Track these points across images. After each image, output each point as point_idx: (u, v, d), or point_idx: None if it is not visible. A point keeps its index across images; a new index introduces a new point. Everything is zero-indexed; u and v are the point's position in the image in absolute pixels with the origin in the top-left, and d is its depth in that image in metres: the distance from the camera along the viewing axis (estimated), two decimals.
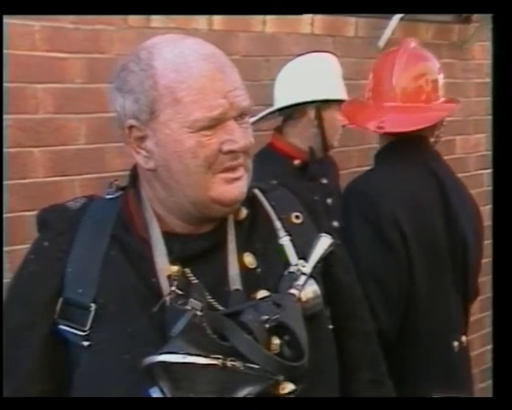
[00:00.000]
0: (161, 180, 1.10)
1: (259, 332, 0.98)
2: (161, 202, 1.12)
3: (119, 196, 1.17)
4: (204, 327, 0.97)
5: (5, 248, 2.00)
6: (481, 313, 3.34)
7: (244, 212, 1.16)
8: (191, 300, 1.00)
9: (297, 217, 1.19)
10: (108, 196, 1.18)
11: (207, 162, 1.06)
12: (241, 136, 1.07)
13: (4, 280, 1.96)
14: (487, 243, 3.12)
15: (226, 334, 0.98)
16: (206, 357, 0.96)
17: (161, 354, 0.96)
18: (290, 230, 1.17)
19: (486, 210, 2.52)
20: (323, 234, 1.15)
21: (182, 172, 1.06)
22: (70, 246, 1.12)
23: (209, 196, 1.07)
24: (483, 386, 3.24)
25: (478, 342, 3.43)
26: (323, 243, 1.14)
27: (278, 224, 1.17)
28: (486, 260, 2.28)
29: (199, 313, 0.98)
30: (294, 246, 1.15)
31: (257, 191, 1.21)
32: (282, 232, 1.16)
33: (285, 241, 1.16)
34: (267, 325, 1.00)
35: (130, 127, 1.09)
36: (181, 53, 1.07)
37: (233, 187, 1.08)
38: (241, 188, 1.10)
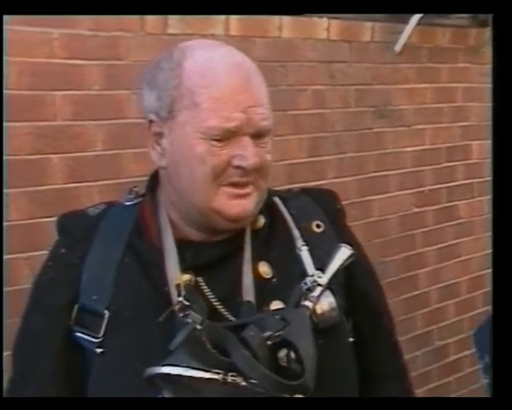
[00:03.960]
0: (172, 182, 1.10)
1: (260, 349, 0.96)
2: (174, 206, 1.12)
3: (137, 203, 1.17)
4: (203, 341, 0.96)
5: (24, 255, 2.02)
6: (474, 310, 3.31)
7: (262, 221, 1.14)
8: (191, 313, 0.99)
9: (318, 226, 1.17)
10: (127, 203, 1.18)
11: (214, 172, 1.04)
12: (253, 153, 1.04)
13: (4, 288, 1.97)
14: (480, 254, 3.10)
15: (227, 349, 0.97)
16: (206, 371, 0.95)
17: (163, 365, 0.95)
18: (310, 239, 1.15)
19: None
20: (343, 244, 1.12)
21: (188, 177, 1.06)
22: (86, 253, 1.12)
23: (211, 206, 1.06)
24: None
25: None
26: (343, 253, 1.10)
27: (297, 233, 1.15)
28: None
29: (198, 326, 0.97)
30: (312, 256, 1.13)
31: (277, 199, 1.19)
32: (299, 242, 1.14)
33: (303, 251, 1.13)
34: (269, 342, 0.98)
35: (151, 122, 1.09)
36: (211, 58, 1.07)
37: (236, 203, 1.06)
38: (246, 206, 1.07)
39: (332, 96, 2.75)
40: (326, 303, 1.06)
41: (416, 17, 2.83)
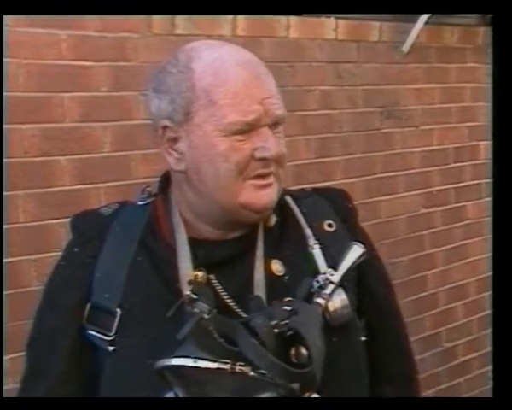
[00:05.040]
0: (191, 183, 1.10)
1: (268, 337, 0.96)
2: (190, 206, 1.12)
3: (150, 202, 1.18)
4: (211, 331, 0.96)
5: (32, 257, 2.02)
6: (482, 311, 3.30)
7: (274, 219, 1.15)
8: (199, 303, 0.99)
9: (330, 225, 1.17)
10: (140, 202, 1.19)
11: (238, 167, 1.05)
12: (274, 144, 1.06)
13: (4, 292, 1.98)
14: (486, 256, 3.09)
15: (235, 338, 0.97)
16: (214, 361, 0.95)
17: (172, 357, 0.95)
18: (322, 238, 1.15)
19: None
20: (355, 242, 1.12)
21: (212, 176, 1.06)
22: (99, 251, 1.13)
23: (238, 201, 1.07)
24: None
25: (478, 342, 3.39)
26: (355, 251, 1.10)
27: (308, 231, 1.16)
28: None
29: (206, 316, 0.97)
30: (324, 254, 1.13)
31: (288, 198, 1.19)
32: (312, 240, 1.15)
33: (315, 249, 1.14)
34: (276, 330, 0.98)
35: (164, 128, 1.09)
36: (219, 58, 1.07)
37: (263, 194, 1.08)
38: (271, 195, 1.09)
39: (340, 96, 2.74)
40: (338, 301, 1.06)
41: (423, 17, 2.82)
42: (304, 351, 0.98)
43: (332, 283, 1.07)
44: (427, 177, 3.09)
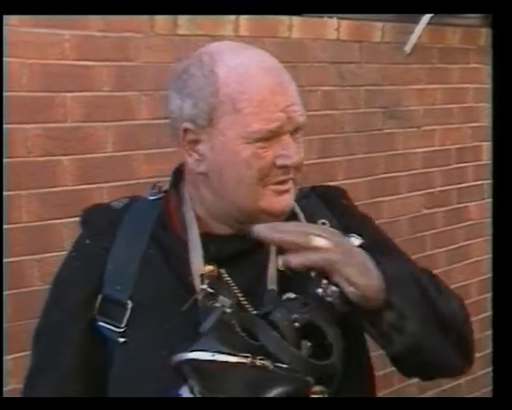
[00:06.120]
0: (210, 185, 1.11)
1: (288, 330, 0.97)
2: (204, 204, 1.13)
3: (161, 198, 1.19)
4: (233, 325, 0.96)
5: (35, 257, 2.03)
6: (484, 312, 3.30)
7: None
8: (221, 297, 1.00)
9: (323, 224, 1.18)
10: (151, 197, 1.20)
11: (261, 174, 1.06)
12: (295, 151, 1.07)
13: (7, 292, 1.98)
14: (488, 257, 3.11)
15: (255, 332, 0.97)
16: (235, 356, 0.94)
17: (191, 351, 0.95)
18: None
19: None
20: (353, 234, 1.11)
21: (233, 181, 1.07)
22: (111, 244, 1.13)
23: (258, 206, 1.08)
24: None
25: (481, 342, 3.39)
26: (352, 243, 1.12)
27: None
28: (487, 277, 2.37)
29: (228, 310, 0.97)
30: None
31: None
32: None
33: None
34: (297, 324, 0.98)
35: (186, 130, 1.09)
36: (243, 63, 1.07)
37: (282, 199, 1.09)
38: (289, 200, 1.11)
39: (342, 96, 2.74)
40: (336, 290, 1.06)
41: (426, 17, 2.82)
42: (326, 343, 0.98)
43: None
44: (429, 177, 3.09)
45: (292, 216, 1.18)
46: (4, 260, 1.95)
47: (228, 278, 1.09)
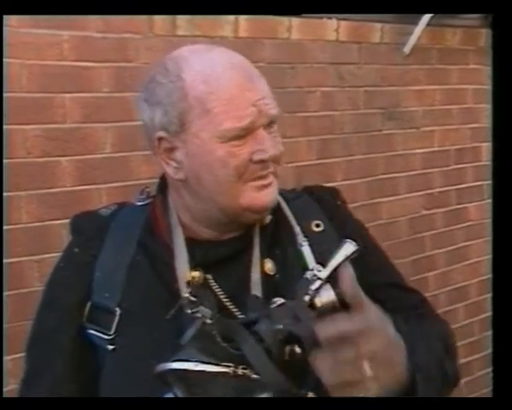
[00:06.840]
0: (191, 190, 1.10)
1: (272, 341, 0.96)
2: (188, 209, 1.13)
3: (148, 203, 1.19)
4: (214, 335, 0.96)
5: (34, 257, 2.03)
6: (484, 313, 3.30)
7: (269, 217, 1.16)
8: (201, 308, 1.00)
9: (317, 225, 1.18)
10: (138, 203, 1.20)
11: (237, 172, 1.06)
12: (270, 145, 1.07)
13: (7, 293, 1.98)
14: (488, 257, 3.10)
15: (237, 341, 0.96)
16: (217, 365, 0.94)
17: (173, 361, 0.95)
18: (310, 237, 1.16)
19: None
20: (347, 240, 1.10)
21: (212, 182, 1.07)
22: (99, 251, 1.14)
23: (240, 203, 1.07)
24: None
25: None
26: (346, 248, 1.11)
27: (298, 229, 1.16)
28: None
29: (208, 321, 0.97)
30: (313, 252, 1.14)
31: (279, 198, 1.19)
32: (300, 237, 1.15)
33: (304, 246, 1.14)
34: (280, 336, 0.97)
35: (160, 139, 1.08)
36: (209, 63, 1.07)
37: (263, 194, 1.09)
38: (272, 194, 1.10)
39: (341, 97, 2.74)
40: (325, 297, 1.05)
41: (425, 18, 2.82)
42: (298, 350, 0.97)
43: (320, 279, 1.07)
44: (429, 178, 3.09)
45: (281, 218, 1.18)
46: (4, 260, 1.95)
47: (214, 284, 1.09)
